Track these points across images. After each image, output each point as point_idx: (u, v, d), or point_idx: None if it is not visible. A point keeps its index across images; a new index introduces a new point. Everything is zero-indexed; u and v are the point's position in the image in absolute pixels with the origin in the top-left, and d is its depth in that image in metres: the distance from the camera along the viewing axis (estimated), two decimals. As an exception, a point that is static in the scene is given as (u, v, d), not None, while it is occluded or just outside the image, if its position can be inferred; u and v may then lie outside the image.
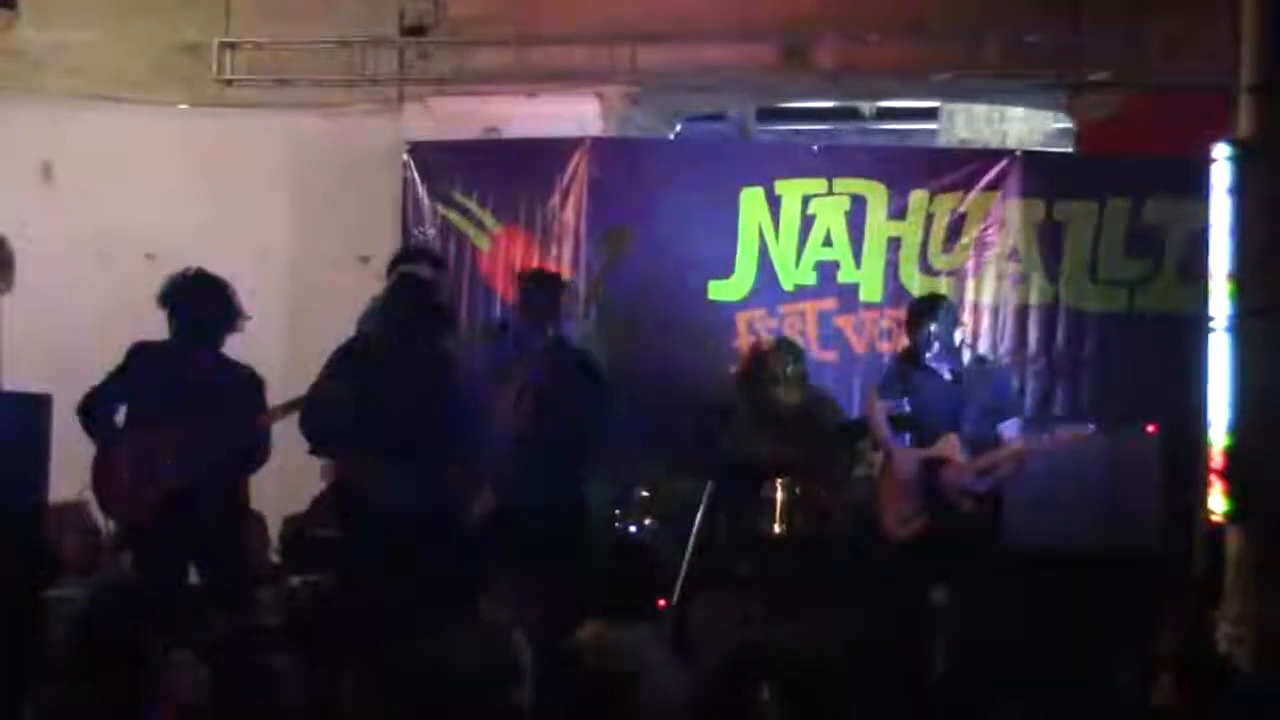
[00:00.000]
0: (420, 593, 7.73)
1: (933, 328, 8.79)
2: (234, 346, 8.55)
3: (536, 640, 7.07)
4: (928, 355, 8.85)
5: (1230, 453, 7.58)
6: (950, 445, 8.80)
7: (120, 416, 8.50)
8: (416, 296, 8.66)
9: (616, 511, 9.50)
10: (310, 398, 8.30)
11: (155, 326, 8.39)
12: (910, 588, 8.59)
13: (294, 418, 8.36)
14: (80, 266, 10.61)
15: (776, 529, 9.06)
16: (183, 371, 8.47)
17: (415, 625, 7.01)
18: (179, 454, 8.34)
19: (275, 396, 8.57)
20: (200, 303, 8.50)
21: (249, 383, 8.58)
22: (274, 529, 9.83)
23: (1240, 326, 7.57)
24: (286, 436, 8.58)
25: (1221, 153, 7.69)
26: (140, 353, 8.54)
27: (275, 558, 9.80)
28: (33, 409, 8.90)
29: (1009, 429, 8.80)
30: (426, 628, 6.87)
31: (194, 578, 8.37)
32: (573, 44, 10.74)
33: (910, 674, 7.93)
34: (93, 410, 8.46)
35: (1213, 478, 7.70)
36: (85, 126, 11.09)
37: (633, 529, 9.47)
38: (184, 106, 11.22)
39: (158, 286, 8.49)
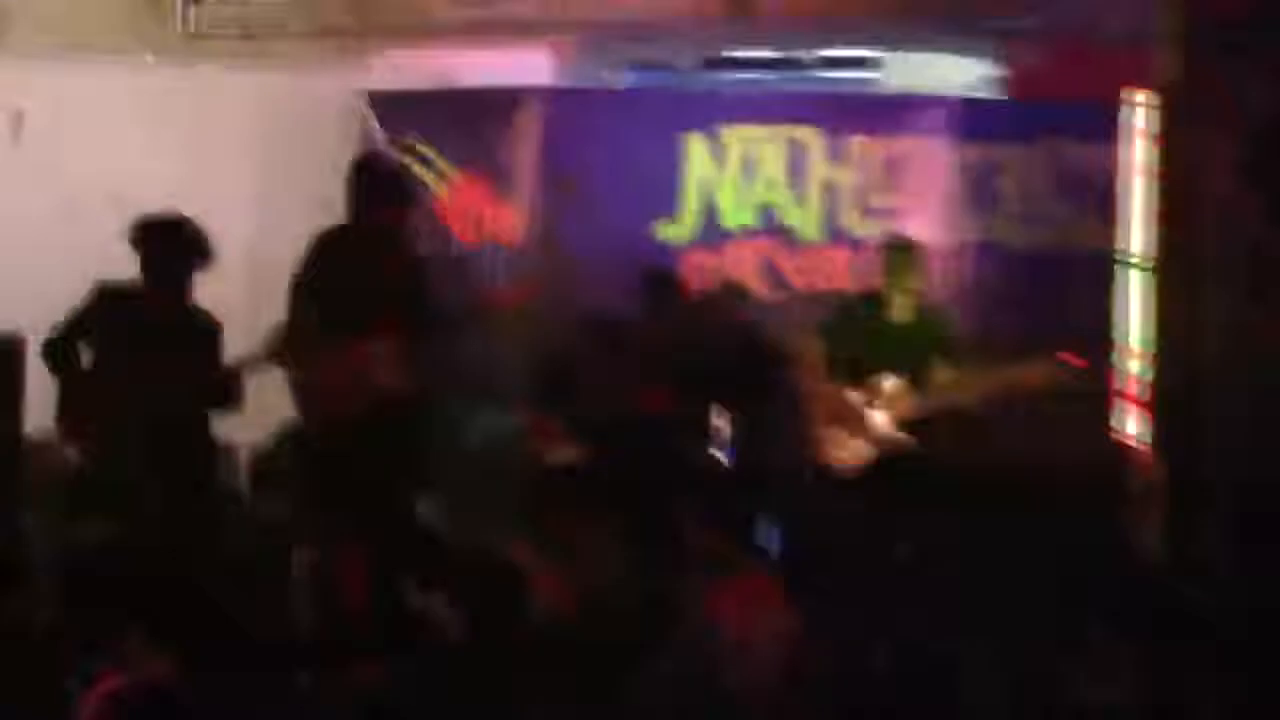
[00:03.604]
0: None
1: (902, 270, 9.02)
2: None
3: None
4: (896, 295, 9.03)
5: (1149, 382, 7.73)
6: (896, 383, 8.95)
7: (86, 356, 8.59)
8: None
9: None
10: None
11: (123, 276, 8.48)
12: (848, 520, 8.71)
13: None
14: (49, 219, 10.60)
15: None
16: (145, 313, 8.53)
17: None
18: (143, 394, 8.45)
19: (238, 343, 8.68)
20: (167, 244, 8.57)
21: (211, 326, 8.65)
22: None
23: (1159, 264, 7.71)
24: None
25: (1143, 99, 7.82)
26: (103, 294, 8.59)
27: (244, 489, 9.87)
28: (6, 351, 9.04)
29: (947, 374, 9.00)
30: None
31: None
32: (522, -2, 10.81)
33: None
34: (55, 349, 8.52)
35: (1132, 405, 7.85)
36: (52, 81, 11.02)
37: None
38: (150, 60, 11.23)
39: (125, 235, 8.59)
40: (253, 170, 11.00)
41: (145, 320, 8.47)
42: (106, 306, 8.51)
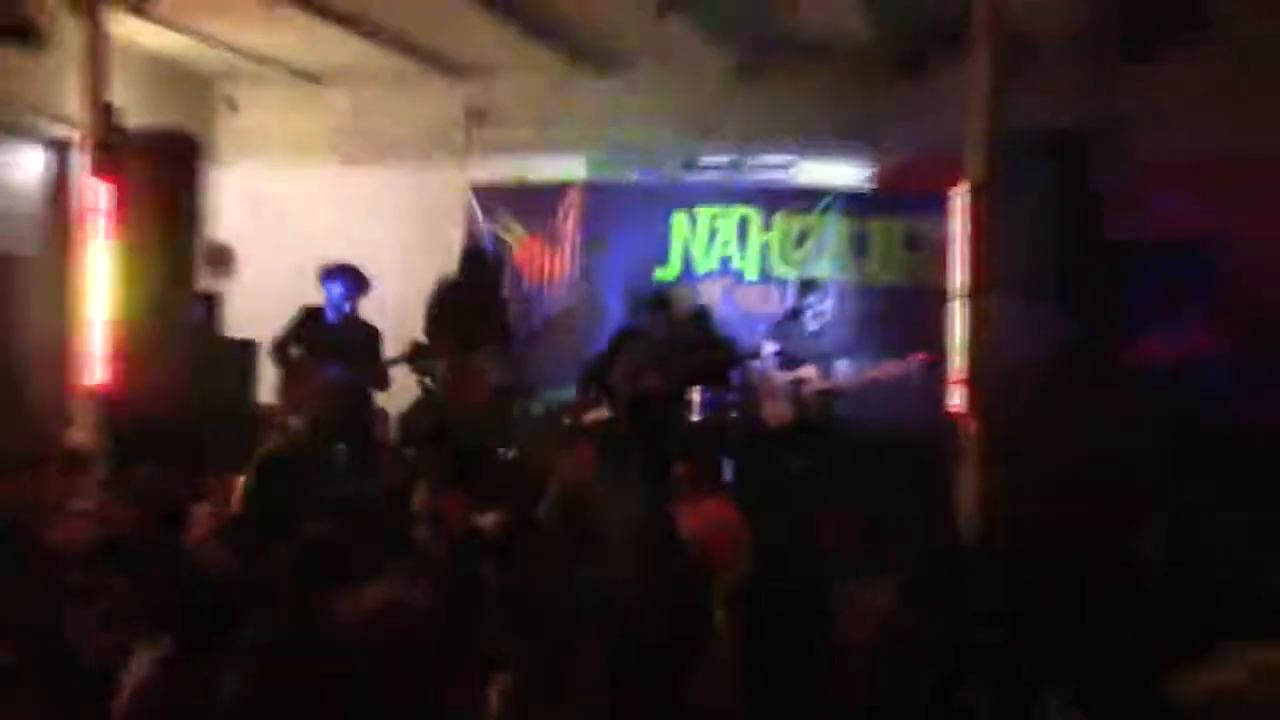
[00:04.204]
0: None
1: (812, 299, 9.02)
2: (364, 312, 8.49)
3: None
4: (808, 314, 8.89)
5: (966, 371, 7.50)
6: (810, 370, 8.83)
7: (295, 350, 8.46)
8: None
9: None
10: None
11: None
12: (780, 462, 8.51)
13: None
14: (273, 266, 10.37)
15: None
16: (333, 324, 8.44)
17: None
18: (339, 377, 8.32)
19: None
20: (342, 280, 8.46)
21: (373, 334, 8.54)
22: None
23: (969, 297, 7.50)
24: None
25: (961, 191, 7.60)
26: (308, 312, 8.52)
27: (394, 437, 9.69)
28: (247, 349, 8.92)
29: (841, 365, 8.86)
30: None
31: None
32: (569, 126, 10.63)
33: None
34: (278, 349, 8.45)
35: (955, 386, 7.61)
36: (279, 178, 11.01)
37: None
38: (338, 165, 11.10)
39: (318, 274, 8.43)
40: (398, 234, 10.85)
41: (330, 330, 8.43)
42: (308, 321, 8.46)
